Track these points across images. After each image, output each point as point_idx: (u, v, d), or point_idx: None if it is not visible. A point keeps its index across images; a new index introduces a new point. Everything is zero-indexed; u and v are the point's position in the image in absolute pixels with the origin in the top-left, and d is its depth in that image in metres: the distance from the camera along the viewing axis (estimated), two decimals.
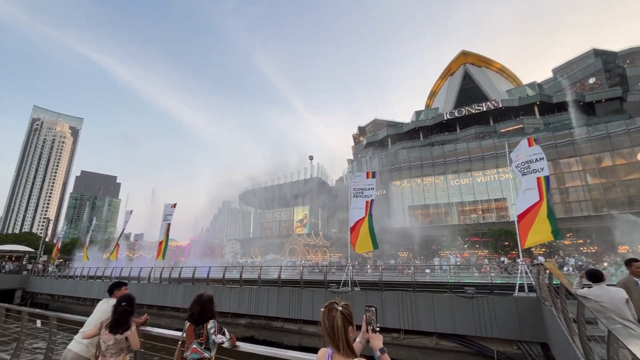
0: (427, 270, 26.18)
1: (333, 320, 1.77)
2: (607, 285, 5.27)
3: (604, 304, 4.89)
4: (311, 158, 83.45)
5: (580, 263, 29.17)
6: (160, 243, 21.49)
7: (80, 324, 4.18)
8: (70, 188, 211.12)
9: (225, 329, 3.40)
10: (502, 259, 36.27)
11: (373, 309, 1.99)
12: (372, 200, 14.24)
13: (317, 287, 14.41)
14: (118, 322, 3.54)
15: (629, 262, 5.76)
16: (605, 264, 29.44)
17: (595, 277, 5.34)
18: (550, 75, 79.35)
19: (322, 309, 1.85)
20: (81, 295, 23.65)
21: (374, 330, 1.93)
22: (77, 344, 3.95)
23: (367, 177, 14.95)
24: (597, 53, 72.77)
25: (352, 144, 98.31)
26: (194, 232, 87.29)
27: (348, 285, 13.34)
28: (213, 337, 3.24)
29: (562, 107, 59.81)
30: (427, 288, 12.68)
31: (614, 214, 38.54)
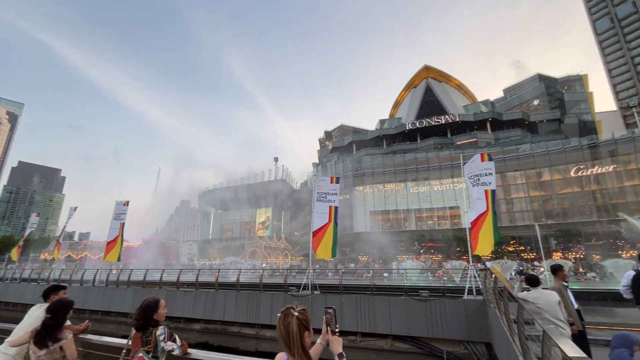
0: (385, 274, 26.97)
1: (288, 326, 1.75)
2: (543, 288, 5.80)
3: (540, 305, 5.36)
4: (276, 160, 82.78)
5: (521, 268, 31.77)
6: (109, 243, 19.94)
7: (8, 332, 3.72)
8: (4, 180, 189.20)
9: (177, 336, 3.20)
10: (453, 263, 38.45)
11: (332, 310, 1.98)
12: (336, 207, 14.38)
13: (277, 290, 14.23)
14: (42, 335, 3.15)
15: (555, 269, 6.43)
16: (542, 269, 32.39)
17: (533, 281, 5.86)
18: (501, 94, 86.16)
19: (279, 314, 1.82)
20: (11, 300, 21.17)
21: (333, 332, 1.92)
22: (2, 355, 3.51)
23: (331, 182, 15.07)
24: (541, 78, 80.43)
25: (318, 147, 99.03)
26: (148, 232, 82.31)
27: (308, 289, 13.33)
28: (162, 344, 3.00)
29: (510, 124, 65.26)
30: (384, 291, 13.06)
31: (550, 224, 42.66)
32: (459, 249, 42.70)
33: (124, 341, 3.24)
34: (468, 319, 10.21)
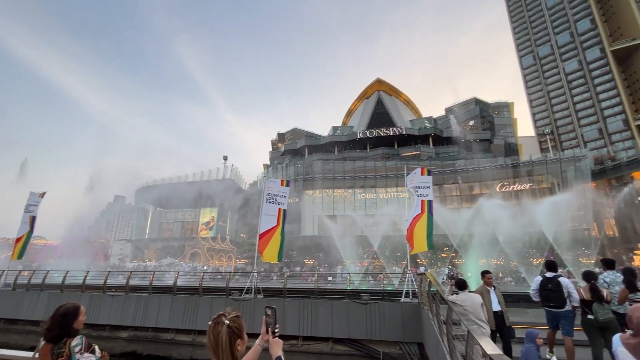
0: (330, 278, 27.46)
1: (218, 335, 1.67)
2: (469, 292, 6.40)
3: (466, 307, 5.90)
4: (225, 158, 79.75)
5: (452, 273, 34.66)
6: (18, 240, 17.35)
7: None
8: None
9: (97, 346, 2.84)
10: (394, 268, 40.58)
11: (271, 310, 1.92)
12: (285, 210, 14.27)
13: (218, 294, 13.63)
14: None
15: (482, 274, 7.18)
16: (470, 274, 35.68)
17: (461, 285, 6.43)
18: (443, 112, 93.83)
19: (209, 323, 1.74)
20: None
21: (273, 333, 1.87)
22: None
23: (282, 185, 14.95)
24: (477, 101, 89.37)
25: (270, 149, 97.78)
26: (73, 228, 73.44)
27: (251, 293, 12.99)
28: (78, 356, 2.62)
29: (449, 141, 71.31)
30: (328, 295, 13.28)
31: (479, 233, 47.26)
32: (398, 254, 45.18)
33: (29, 354, 2.80)
34: (404, 321, 10.81)
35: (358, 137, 72.63)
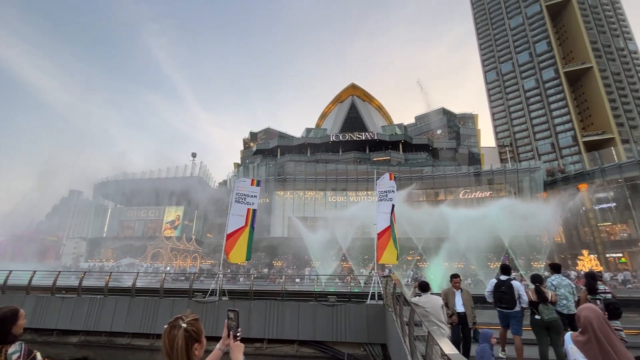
0: (297, 280, 27.37)
1: (174, 340, 1.60)
2: (432, 294, 6.66)
3: (428, 309, 6.13)
4: (194, 155, 77.19)
5: (416, 276, 35.87)
6: None
7: None
8: None
9: (38, 353, 2.59)
10: (361, 270, 41.27)
11: (234, 313, 1.87)
12: (254, 210, 14.04)
13: (181, 296, 13.12)
14: None
15: (450, 277, 7.52)
16: (432, 277, 37.11)
17: (424, 287, 6.67)
18: (413, 120, 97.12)
19: (165, 327, 1.66)
20: None
21: (235, 337, 1.84)
22: None
23: (252, 184, 14.68)
24: (444, 111, 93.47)
25: (242, 148, 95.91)
26: (19, 224, 67.50)
27: (216, 295, 12.64)
28: None
29: (418, 147, 73.91)
30: (295, 297, 13.22)
31: (443, 237, 49.32)
32: (366, 257, 46.00)
33: None
34: (369, 323, 11.02)
35: (331, 140, 73.23)
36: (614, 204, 44.32)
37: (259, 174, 60.99)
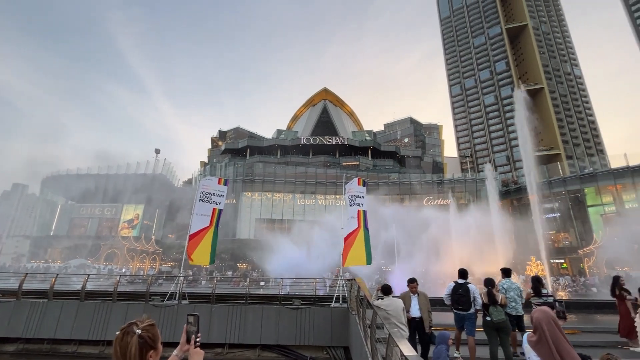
0: (262, 283, 26.94)
1: (126, 347, 1.51)
2: (393, 297, 6.86)
3: (390, 311, 6.30)
4: (157, 152, 73.74)
5: (380, 279, 36.71)
6: None
7: None
8: None
9: None
10: (328, 273, 41.44)
11: (194, 317, 1.79)
12: (220, 210, 13.65)
13: (136, 300, 12.39)
14: None
15: (408, 282, 7.78)
16: (396, 281, 38.20)
17: (386, 290, 6.86)
18: (382, 128, 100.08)
19: (117, 333, 1.56)
20: None
21: (194, 343, 1.76)
22: None
23: (219, 183, 14.26)
24: (412, 120, 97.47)
25: (210, 147, 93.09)
26: None
27: (175, 298, 12.09)
28: None
29: (386, 154, 76.11)
30: (259, 301, 12.99)
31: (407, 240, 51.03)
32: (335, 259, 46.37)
33: None
34: (333, 326, 11.10)
35: (302, 142, 73.29)
36: (558, 214, 48.48)
37: (227, 173, 59.51)
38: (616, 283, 8.60)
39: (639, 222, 41.21)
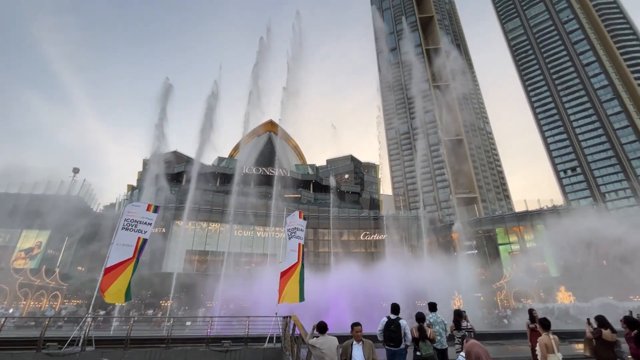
0: (188, 323, 24.40)
1: None
2: (329, 335, 6.79)
3: (324, 350, 6.21)
4: (76, 171, 65.27)
5: (317, 316, 35.96)
6: None
7: None
8: None
9: None
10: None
11: None
12: (145, 240, 12.40)
13: (25, 348, 10.20)
14: None
15: (351, 326, 7.77)
16: (334, 318, 37.77)
17: (322, 329, 6.78)
18: (325, 163, 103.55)
19: None
20: None
21: None
22: None
23: (148, 210, 13.07)
24: (352, 158, 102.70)
25: (141, 169, 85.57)
26: None
27: (79, 344, 10.26)
28: None
29: (327, 189, 78.23)
30: (183, 343, 11.70)
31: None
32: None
33: None
34: None
35: (244, 172, 71.78)
36: (476, 250, 54.02)
37: (158, 200, 54.84)
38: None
39: (537, 259, 47.94)
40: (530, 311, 9.72)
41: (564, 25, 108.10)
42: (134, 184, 75.81)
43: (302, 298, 12.10)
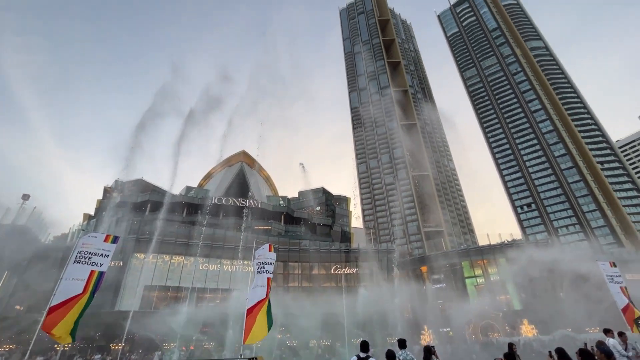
0: None
1: None
2: None
3: None
4: (26, 197, 60.28)
5: (283, 356, 34.07)
6: None
7: None
8: None
9: None
10: (224, 353, 36.57)
11: None
12: (101, 274, 11.52)
13: None
14: None
15: None
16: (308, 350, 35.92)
17: None
18: (296, 195, 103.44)
19: None
20: None
21: None
22: None
23: (106, 241, 12.24)
24: (324, 191, 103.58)
25: (101, 197, 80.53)
26: None
27: None
28: None
29: (298, 221, 77.53)
30: None
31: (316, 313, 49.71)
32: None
33: None
34: None
35: (213, 202, 69.74)
36: (444, 284, 54.85)
37: (118, 230, 51.43)
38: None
39: (501, 292, 49.42)
40: (510, 346, 9.98)
41: (514, 76, 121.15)
42: (92, 212, 70.95)
43: (270, 327, 11.44)
